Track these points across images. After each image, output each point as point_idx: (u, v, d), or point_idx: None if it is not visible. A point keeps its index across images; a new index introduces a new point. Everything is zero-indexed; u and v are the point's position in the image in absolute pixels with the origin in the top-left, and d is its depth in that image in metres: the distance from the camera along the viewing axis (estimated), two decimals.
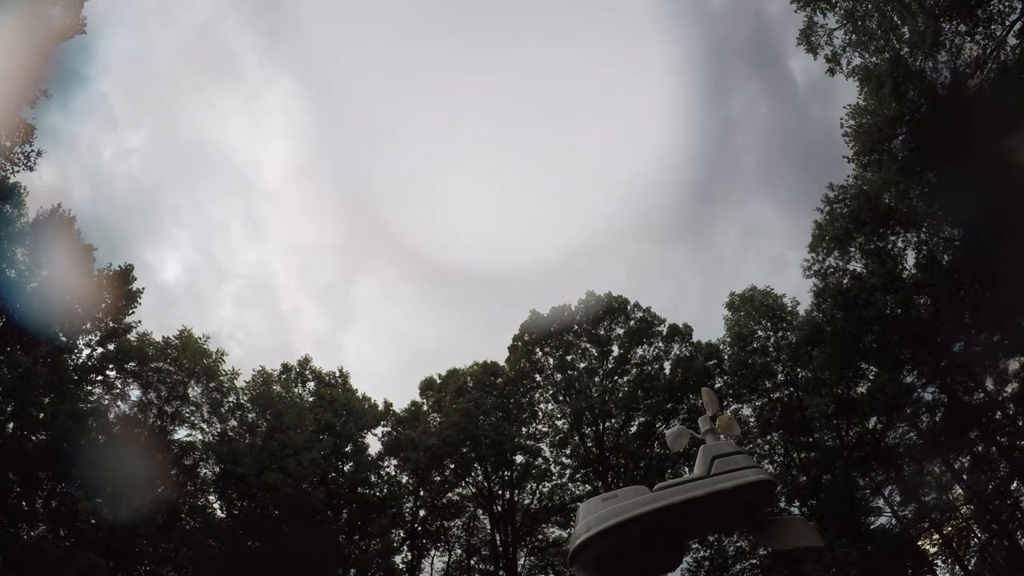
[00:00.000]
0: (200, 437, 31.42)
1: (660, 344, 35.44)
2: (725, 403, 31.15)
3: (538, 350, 36.22)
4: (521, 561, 35.28)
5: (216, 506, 30.90)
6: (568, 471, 36.01)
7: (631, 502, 5.62)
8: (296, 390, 36.21)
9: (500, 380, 36.53)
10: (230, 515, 30.02)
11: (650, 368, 35.01)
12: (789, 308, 32.35)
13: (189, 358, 30.78)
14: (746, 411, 32.95)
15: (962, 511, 28.69)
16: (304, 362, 37.46)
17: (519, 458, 35.52)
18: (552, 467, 35.95)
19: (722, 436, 6.49)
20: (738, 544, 32.34)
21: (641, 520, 5.50)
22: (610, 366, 35.41)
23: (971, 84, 20.13)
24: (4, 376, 23.22)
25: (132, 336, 28.80)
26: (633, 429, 35.10)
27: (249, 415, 32.83)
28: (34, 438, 24.70)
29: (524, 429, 35.95)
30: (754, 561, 32.32)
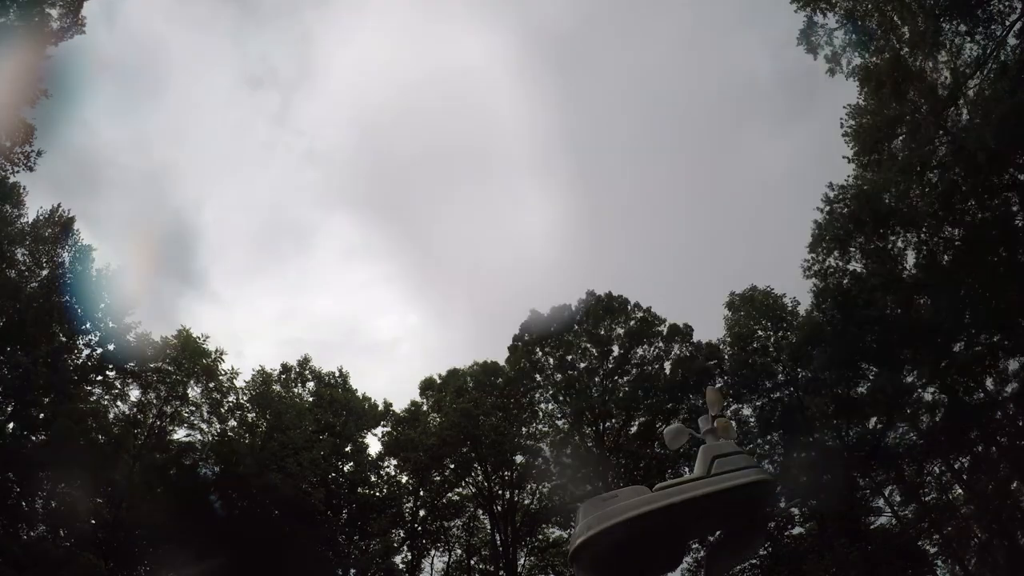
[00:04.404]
0: (200, 437, 31.38)
1: (660, 344, 35.45)
2: (725, 403, 31.07)
3: (538, 350, 36.21)
4: (521, 561, 35.26)
5: (216, 506, 30.85)
6: (568, 471, 35.98)
7: (631, 502, 5.62)
8: (296, 390, 36.19)
9: (500, 380, 36.51)
10: (230, 515, 29.99)
11: (650, 368, 34.98)
12: (789, 308, 32.36)
13: (188, 358, 30.72)
14: (746, 411, 32.91)
15: (962, 511, 28.62)
16: (304, 362, 37.46)
17: (519, 458, 35.54)
18: (552, 467, 35.92)
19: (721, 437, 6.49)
20: None
21: (641, 520, 5.50)
22: (610, 366, 35.38)
23: (971, 84, 20.11)
24: (4, 376, 23.21)
25: (131, 336, 28.76)
26: (633, 429, 35.09)
27: (249, 415, 32.76)
28: (34, 438, 24.68)
29: (524, 429, 35.94)
30: (754, 561, 32.29)
